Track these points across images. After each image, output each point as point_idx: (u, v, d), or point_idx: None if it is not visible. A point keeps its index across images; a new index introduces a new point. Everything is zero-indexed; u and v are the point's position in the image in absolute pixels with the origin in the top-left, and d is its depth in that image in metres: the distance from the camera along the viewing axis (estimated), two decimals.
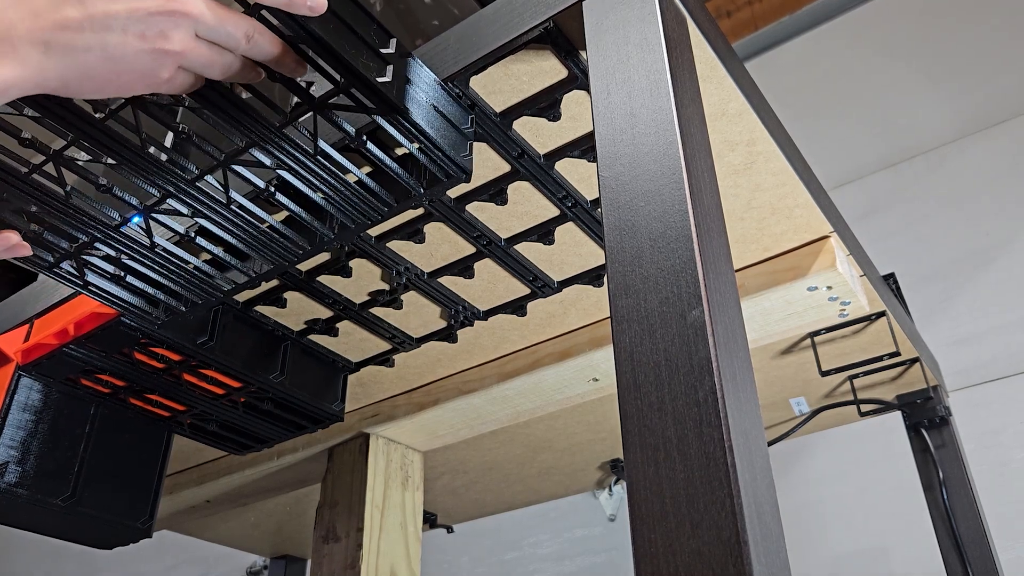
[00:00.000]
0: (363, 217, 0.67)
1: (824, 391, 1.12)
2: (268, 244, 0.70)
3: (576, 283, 0.86)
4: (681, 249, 0.42)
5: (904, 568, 1.47)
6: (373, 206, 0.66)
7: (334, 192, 0.64)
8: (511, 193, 0.75)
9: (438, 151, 0.60)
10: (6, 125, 0.53)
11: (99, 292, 0.73)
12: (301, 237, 0.70)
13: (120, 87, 0.43)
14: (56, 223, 0.64)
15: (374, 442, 1.10)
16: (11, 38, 0.38)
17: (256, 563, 2.41)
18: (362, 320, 0.91)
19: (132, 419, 0.96)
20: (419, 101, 0.58)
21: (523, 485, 1.38)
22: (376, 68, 0.52)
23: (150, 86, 0.44)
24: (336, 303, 0.88)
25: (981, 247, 1.66)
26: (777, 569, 0.35)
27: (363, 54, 0.51)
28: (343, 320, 0.91)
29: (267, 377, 0.91)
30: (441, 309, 0.91)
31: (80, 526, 0.90)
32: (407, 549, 1.09)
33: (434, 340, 0.96)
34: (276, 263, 0.72)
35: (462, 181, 0.64)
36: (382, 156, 0.61)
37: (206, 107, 0.54)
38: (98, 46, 0.40)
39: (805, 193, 0.76)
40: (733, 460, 0.35)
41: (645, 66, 0.49)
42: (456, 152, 0.62)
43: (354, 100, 0.54)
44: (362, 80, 0.51)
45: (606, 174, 0.47)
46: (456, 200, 0.75)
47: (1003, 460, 1.46)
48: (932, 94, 1.87)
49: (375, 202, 0.66)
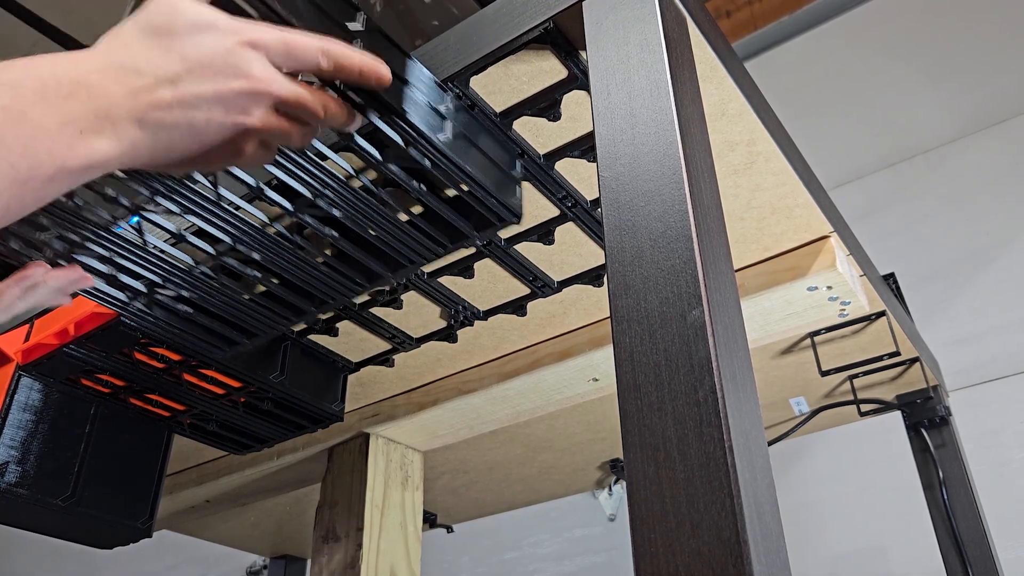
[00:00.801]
0: (420, 257, 0.72)
1: (824, 391, 1.12)
2: (326, 279, 0.75)
3: (576, 283, 0.86)
4: (681, 249, 0.42)
5: (904, 568, 1.47)
6: (428, 246, 0.71)
7: (388, 231, 0.69)
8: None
9: (486, 193, 0.64)
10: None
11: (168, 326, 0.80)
12: (359, 274, 0.75)
13: (204, 161, 0.45)
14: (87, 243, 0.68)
15: (374, 442, 1.10)
16: (112, 116, 0.40)
17: (256, 563, 2.41)
18: (362, 320, 0.91)
19: (132, 419, 0.96)
20: (469, 150, 0.62)
21: (523, 485, 1.38)
22: (435, 126, 0.58)
23: (231, 160, 0.46)
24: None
25: (981, 247, 1.66)
26: (777, 569, 0.35)
27: (424, 113, 0.57)
28: (343, 320, 0.91)
29: (267, 377, 0.91)
30: (441, 309, 0.91)
31: (80, 526, 0.90)
32: (407, 549, 1.09)
33: (434, 340, 0.96)
34: (335, 299, 0.78)
35: (513, 223, 0.68)
36: (436, 201, 0.66)
37: (276, 165, 0.60)
38: (185, 123, 0.42)
39: (805, 193, 0.76)
40: (733, 460, 0.35)
41: (645, 66, 0.49)
42: (504, 195, 0.66)
43: (414, 158, 0.60)
44: (425, 139, 0.57)
45: (606, 174, 0.47)
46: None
47: (1003, 460, 1.46)
48: (932, 94, 1.87)
49: (430, 243, 0.70)
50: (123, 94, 0.40)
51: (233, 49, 0.43)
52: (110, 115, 0.40)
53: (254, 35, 0.44)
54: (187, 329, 0.80)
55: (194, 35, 0.43)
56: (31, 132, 0.37)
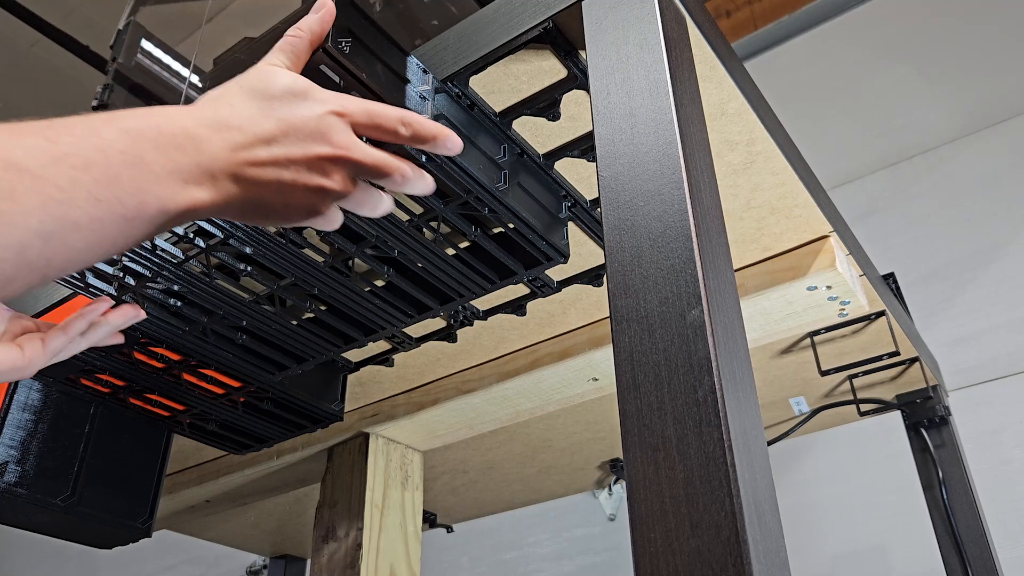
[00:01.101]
0: (469, 292, 0.77)
1: (824, 391, 1.12)
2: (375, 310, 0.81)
3: (576, 283, 0.86)
4: (680, 249, 0.42)
5: (903, 567, 1.47)
6: (477, 281, 0.76)
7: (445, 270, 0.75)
8: None
9: (537, 235, 0.69)
10: None
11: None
12: (409, 305, 0.81)
13: (285, 217, 0.48)
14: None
15: (374, 442, 1.10)
16: (213, 169, 0.43)
17: (256, 562, 2.41)
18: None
19: (132, 419, 0.96)
20: (522, 195, 0.68)
21: (523, 484, 1.38)
22: (494, 177, 0.65)
23: (308, 217, 0.49)
24: None
25: (981, 247, 1.66)
26: (776, 568, 0.35)
27: (486, 167, 0.64)
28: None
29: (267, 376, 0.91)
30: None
31: (80, 526, 0.90)
32: (407, 548, 1.09)
33: (434, 340, 0.96)
34: (385, 328, 0.84)
35: (560, 263, 0.72)
36: (490, 244, 0.72)
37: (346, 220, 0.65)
38: (275, 182, 0.45)
39: (804, 192, 0.76)
40: (733, 460, 0.35)
41: (644, 66, 0.49)
42: (553, 236, 0.70)
43: (473, 207, 0.66)
44: (487, 191, 0.64)
45: (605, 174, 0.47)
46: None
47: (1002, 459, 1.46)
48: (931, 93, 1.87)
49: (478, 278, 0.76)
50: (225, 148, 0.44)
51: (323, 116, 0.47)
52: (211, 169, 0.43)
53: (341, 105, 0.48)
54: (241, 355, 0.86)
55: (290, 101, 0.47)
56: (144, 175, 0.40)
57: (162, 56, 1.07)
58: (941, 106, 1.85)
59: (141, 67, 1.04)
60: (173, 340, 0.82)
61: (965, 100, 1.82)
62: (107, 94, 0.99)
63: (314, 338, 0.85)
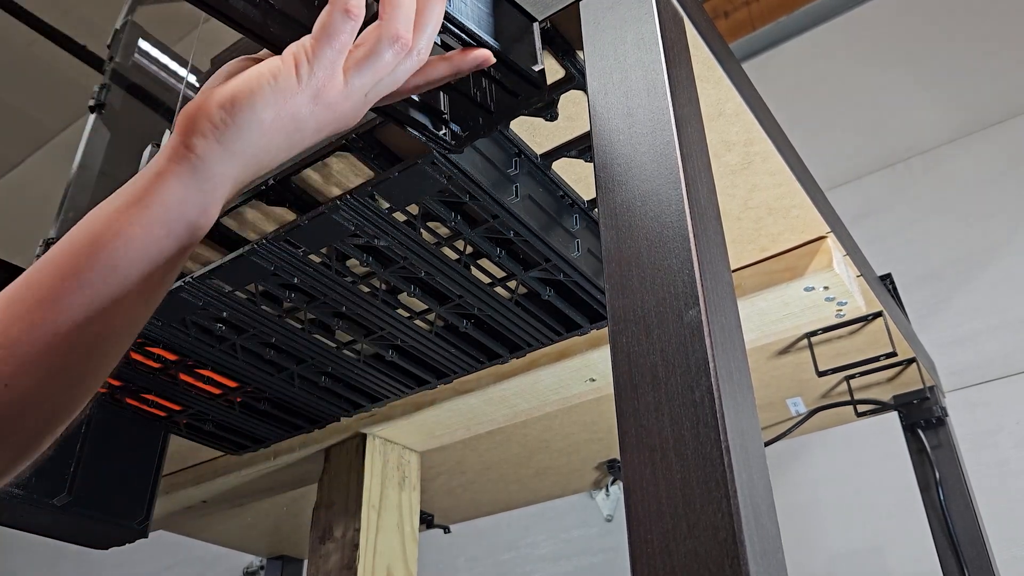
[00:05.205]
0: (537, 342, 0.88)
1: (821, 391, 1.12)
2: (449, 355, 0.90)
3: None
4: (678, 249, 0.42)
5: (900, 568, 1.47)
6: (546, 333, 0.87)
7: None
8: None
9: (595, 287, 0.80)
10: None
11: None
12: (481, 353, 0.89)
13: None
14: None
15: (371, 442, 1.10)
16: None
17: (253, 563, 2.41)
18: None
19: (128, 419, 0.96)
20: (589, 257, 0.78)
21: (520, 485, 1.38)
22: (566, 242, 0.74)
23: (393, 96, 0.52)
24: None
25: (978, 247, 1.66)
26: (774, 569, 0.35)
27: (563, 239, 0.74)
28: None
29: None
30: None
31: (76, 526, 0.90)
32: (404, 549, 1.08)
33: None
34: (458, 373, 0.93)
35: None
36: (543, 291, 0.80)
37: (428, 277, 0.77)
38: (353, 108, 0.49)
39: (802, 193, 0.76)
40: (730, 460, 0.35)
41: (642, 66, 0.49)
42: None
43: (552, 273, 0.76)
44: (565, 260, 0.74)
45: (603, 174, 0.47)
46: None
47: (999, 460, 1.46)
48: (928, 95, 1.88)
49: (547, 330, 0.86)
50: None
51: (280, 66, 0.48)
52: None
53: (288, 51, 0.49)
54: (322, 396, 0.96)
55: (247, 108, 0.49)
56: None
57: (159, 55, 1.07)
58: (938, 107, 1.85)
59: (138, 66, 1.04)
60: (253, 384, 0.92)
61: (962, 101, 1.82)
62: (104, 93, 0.99)
63: (390, 380, 0.94)
